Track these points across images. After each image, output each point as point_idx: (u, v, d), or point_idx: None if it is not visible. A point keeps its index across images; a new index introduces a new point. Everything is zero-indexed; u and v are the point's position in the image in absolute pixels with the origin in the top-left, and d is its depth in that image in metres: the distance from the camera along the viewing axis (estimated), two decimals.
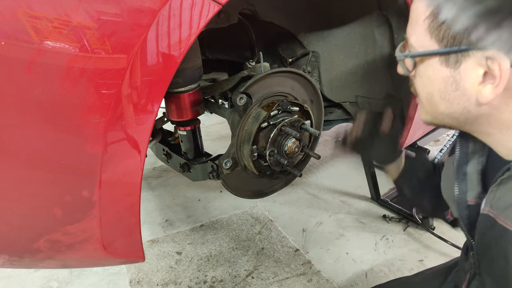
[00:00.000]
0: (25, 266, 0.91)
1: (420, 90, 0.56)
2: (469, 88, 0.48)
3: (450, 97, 0.51)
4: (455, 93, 0.50)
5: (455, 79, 0.49)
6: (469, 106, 0.50)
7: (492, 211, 0.53)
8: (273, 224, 1.74)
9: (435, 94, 0.53)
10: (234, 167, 1.07)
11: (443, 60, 0.49)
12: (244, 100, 0.99)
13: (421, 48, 0.51)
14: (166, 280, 1.41)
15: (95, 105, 0.62)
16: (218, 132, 2.79)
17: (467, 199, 0.62)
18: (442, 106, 0.53)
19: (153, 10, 0.62)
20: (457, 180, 0.64)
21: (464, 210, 0.63)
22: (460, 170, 0.63)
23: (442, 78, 0.50)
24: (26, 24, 0.54)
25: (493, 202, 0.53)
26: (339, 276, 1.42)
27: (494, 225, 0.52)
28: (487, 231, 0.55)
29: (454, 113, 0.52)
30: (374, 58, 1.26)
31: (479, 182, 0.61)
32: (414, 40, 0.52)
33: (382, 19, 1.18)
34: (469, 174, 0.62)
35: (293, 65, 1.42)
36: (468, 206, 0.63)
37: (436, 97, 0.53)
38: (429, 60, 0.51)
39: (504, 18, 0.41)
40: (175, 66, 0.68)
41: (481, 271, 0.62)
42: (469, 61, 0.46)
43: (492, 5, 0.41)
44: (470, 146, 0.64)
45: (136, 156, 0.70)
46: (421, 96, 0.56)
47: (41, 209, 0.71)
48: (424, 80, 0.54)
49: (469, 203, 0.62)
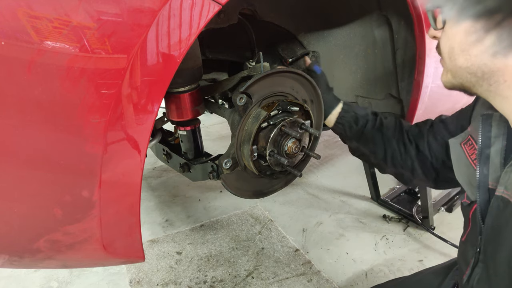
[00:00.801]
0: (25, 266, 0.91)
1: (443, 47, 0.60)
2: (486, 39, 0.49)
3: (470, 51, 0.53)
4: (475, 46, 0.52)
5: (476, 28, 0.50)
6: (485, 59, 0.52)
7: (507, 192, 0.53)
8: (273, 224, 1.74)
9: (456, 47, 0.56)
10: (234, 167, 1.07)
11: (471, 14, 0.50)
12: (244, 100, 0.99)
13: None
14: (166, 280, 1.41)
15: (95, 105, 0.62)
16: (218, 132, 2.79)
17: (489, 182, 0.62)
18: (462, 59, 0.55)
19: (153, 10, 0.62)
20: (479, 163, 0.63)
21: (485, 193, 0.63)
22: (483, 153, 0.63)
23: (464, 29, 0.53)
24: (26, 24, 0.54)
25: (508, 184, 0.53)
26: (339, 276, 1.42)
27: (506, 207, 0.52)
28: (499, 213, 0.55)
29: (472, 66, 0.54)
30: (374, 58, 1.26)
31: (502, 166, 0.61)
32: None
33: (382, 19, 1.18)
34: (492, 157, 0.62)
35: (293, 65, 1.42)
36: (488, 190, 0.62)
37: (457, 50, 0.56)
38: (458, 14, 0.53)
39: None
40: (175, 66, 0.68)
41: (486, 257, 0.62)
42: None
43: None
44: (493, 130, 0.64)
45: (136, 156, 0.70)
46: (444, 52, 0.60)
47: (41, 209, 0.71)
48: (448, 34, 0.58)
49: (490, 186, 0.62)
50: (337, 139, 2.70)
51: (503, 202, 0.53)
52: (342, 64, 1.35)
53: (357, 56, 1.30)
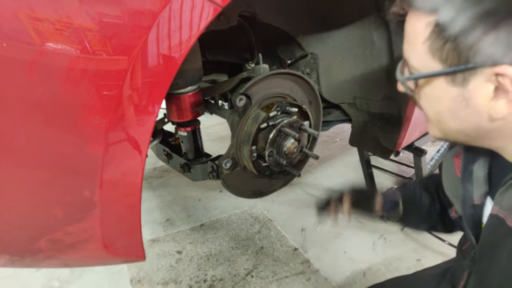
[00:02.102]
0: (27, 265, 0.91)
1: (428, 109, 0.54)
2: (481, 105, 0.46)
3: (460, 115, 0.49)
4: (465, 110, 0.48)
5: (464, 97, 0.46)
6: (482, 122, 0.48)
7: (502, 212, 0.53)
8: (272, 223, 1.74)
9: (444, 112, 0.51)
10: (234, 168, 1.08)
11: (449, 80, 0.47)
12: (243, 101, 0.99)
13: (424, 69, 0.49)
14: (167, 279, 1.42)
15: (96, 106, 0.63)
16: (218, 133, 2.79)
17: (474, 198, 0.62)
18: (453, 124, 0.51)
19: (154, 12, 0.63)
20: (463, 179, 0.63)
21: (469, 209, 0.62)
22: (467, 169, 0.62)
23: (451, 97, 0.48)
24: (28, 25, 0.55)
25: (503, 203, 0.53)
26: (337, 275, 1.43)
27: (502, 225, 0.52)
28: (494, 231, 0.55)
29: (465, 129, 0.50)
30: (372, 60, 1.27)
31: (486, 182, 0.60)
32: (415, 61, 0.50)
33: (380, 21, 1.18)
34: (475, 173, 0.61)
35: (292, 67, 1.43)
36: (473, 206, 0.62)
37: (446, 116, 0.51)
38: (434, 80, 0.49)
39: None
40: (175, 68, 0.69)
41: (480, 270, 0.62)
42: (477, 78, 0.44)
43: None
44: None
45: (137, 156, 0.71)
46: (429, 114, 0.54)
47: (42, 209, 0.71)
48: (431, 99, 0.51)
49: (475, 202, 0.62)
50: (336, 140, 2.71)
51: (498, 221, 0.53)
52: (340, 66, 1.36)
53: (355, 58, 1.31)
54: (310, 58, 1.37)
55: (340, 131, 2.75)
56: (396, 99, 1.27)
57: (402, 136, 1.27)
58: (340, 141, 2.68)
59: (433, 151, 2.04)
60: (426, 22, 0.46)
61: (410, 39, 0.50)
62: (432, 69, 0.48)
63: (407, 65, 0.52)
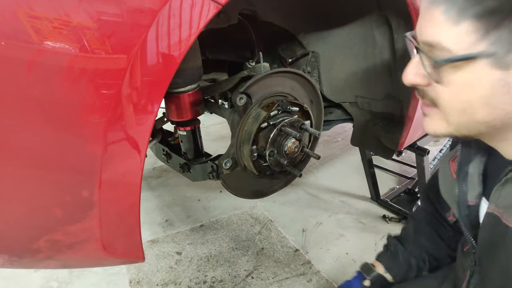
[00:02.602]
0: (25, 266, 0.91)
1: (451, 99, 0.49)
2: None
3: (496, 102, 0.46)
4: (504, 97, 0.45)
5: (506, 81, 0.43)
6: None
7: (497, 210, 0.53)
8: (273, 224, 1.74)
9: (476, 100, 0.47)
10: (234, 167, 1.08)
11: (493, 62, 0.43)
12: (244, 100, 0.99)
13: (463, 51, 0.44)
14: (166, 280, 1.41)
15: (95, 105, 0.62)
16: (218, 132, 2.79)
17: (468, 199, 0.62)
18: (483, 113, 0.47)
19: (153, 10, 0.62)
20: (458, 180, 0.63)
21: (464, 210, 0.63)
22: (462, 170, 0.63)
23: (491, 82, 0.44)
24: (26, 24, 0.54)
25: (498, 201, 0.53)
26: (339, 276, 1.42)
27: (498, 224, 0.52)
28: (491, 230, 0.55)
29: (494, 119, 0.48)
30: (373, 59, 1.26)
31: (480, 183, 0.61)
32: (451, 42, 0.45)
33: (381, 19, 1.18)
34: (470, 174, 0.61)
35: (293, 65, 1.42)
36: (468, 206, 0.62)
37: (477, 104, 0.47)
38: (471, 64, 0.45)
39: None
40: (175, 66, 0.68)
41: (482, 269, 0.62)
42: None
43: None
44: (473, 146, 0.63)
45: (136, 156, 0.70)
46: (450, 105, 0.50)
47: (41, 209, 0.71)
48: (462, 87, 0.47)
49: (469, 203, 0.62)
50: (337, 139, 2.71)
51: (494, 220, 0.53)
52: (341, 64, 1.35)
53: (356, 56, 1.30)
54: (311, 56, 1.37)
55: (341, 131, 2.75)
56: (398, 98, 1.27)
57: (404, 135, 1.26)
58: (342, 140, 2.68)
59: (435, 151, 2.03)
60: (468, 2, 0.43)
61: (436, 18, 0.46)
62: (476, 50, 0.43)
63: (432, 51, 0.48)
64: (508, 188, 0.52)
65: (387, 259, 0.89)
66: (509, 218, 0.50)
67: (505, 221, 0.51)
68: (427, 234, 0.87)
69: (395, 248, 0.88)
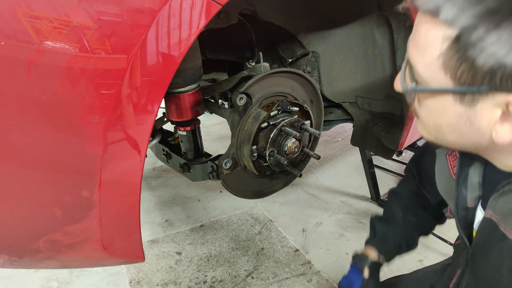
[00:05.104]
0: (25, 266, 0.91)
1: (426, 118, 0.52)
2: (484, 127, 0.45)
3: (461, 131, 0.48)
4: (467, 129, 0.47)
5: (469, 117, 0.46)
6: (482, 141, 0.47)
7: (495, 216, 0.54)
8: (273, 224, 1.74)
9: (444, 125, 0.49)
10: (234, 167, 1.07)
11: (457, 98, 0.45)
12: (244, 100, 0.99)
13: (433, 81, 0.46)
14: (166, 280, 1.41)
15: (95, 105, 0.62)
16: (218, 132, 2.79)
17: (467, 202, 0.63)
18: (451, 137, 0.50)
19: (153, 10, 0.62)
20: (458, 181, 0.63)
21: (462, 211, 0.64)
22: (462, 171, 0.63)
23: (455, 114, 0.47)
24: (26, 24, 0.54)
25: (496, 208, 0.54)
26: (339, 276, 1.41)
27: (496, 230, 0.53)
28: (488, 234, 0.56)
29: (464, 144, 0.50)
30: (374, 59, 1.26)
31: (480, 187, 0.61)
32: (423, 70, 0.47)
33: (382, 19, 1.18)
34: (470, 177, 0.62)
35: (293, 65, 1.42)
36: (467, 208, 0.63)
37: (445, 129, 0.50)
38: (441, 95, 0.47)
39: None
40: (175, 66, 0.68)
41: (473, 269, 0.63)
42: (487, 101, 0.43)
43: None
44: None
45: (136, 156, 0.70)
46: (426, 122, 0.53)
47: (41, 209, 0.71)
48: (432, 111, 0.50)
49: (468, 205, 0.63)
50: (337, 139, 2.70)
51: (492, 225, 0.54)
52: (342, 64, 1.35)
53: (357, 56, 1.30)
54: (311, 56, 1.37)
55: (341, 131, 2.75)
56: (398, 98, 1.27)
57: (404, 135, 1.26)
58: (342, 140, 2.68)
59: None
60: (444, 35, 0.43)
61: (421, 46, 0.47)
62: (442, 83, 0.45)
63: (412, 69, 0.50)
64: (504, 198, 0.53)
65: (377, 243, 0.89)
66: (508, 228, 0.51)
67: (503, 229, 0.52)
68: (414, 212, 0.88)
69: (384, 233, 0.88)
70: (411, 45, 0.49)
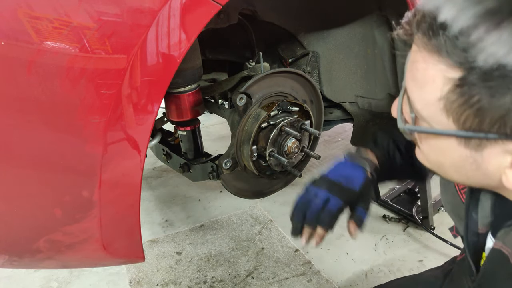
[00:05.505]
0: (25, 266, 0.91)
1: (427, 153, 0.48)
2: (493, 171, 0.42)
3: (467, 173, 0.44)
4: (474, 172, 0.43)
5: (475, 160, 0.42)
6: (490, 182, 0.44)
7: (506, 248, 0.51)
8: (273, 224, 1.74)
9: (448, 165, 0.45)
10: (234, 167, 1.08)
11: (462, 142, 0.41)
12: (244, 100, 0.99)
13: (433, 122, 0.42)
14: (166, 280, 1.41)
15: (95, 105, 0.62)
16: (218, 132, 2.79)
17: (479, 227, 0.59)
18: (455, 176, 0.47)
19: (153, 10, 0.62)
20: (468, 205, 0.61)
21: (473, 236, 0.60)
22: (473, 195, 0.59)
23: (460, 156, 0.42)
24: (27, 24, 0.54)
25: (506, 240, 0.51)
26: (339, 276, 1.42)
27: (507, 264, 0.50)
28: (497, 267, 0.53)
29: (470, 183, 0.47)
30: (374, 59, 1.26)
31: (492, 213, 0.58)
32: (422, 109, 0.42)
33: (382, 19, 1.18)
34: (482, 201, 0.58)
35: (293, 65, 1.42)
36: (477, 234, 0.60)
37: (448, 168, 0.46)
38: (443, 136, 0.43)
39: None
40: (175, 66, 0.68)
41: None
42: (496, 147, 0.39)
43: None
44: None
45: (136, 156, 0.70)
46: (427, 156, 0.48)
47: (41, 209, 0.71)
48: (434, 149, 0.46)
49: (479, 231, 0.59)
50: (337, 139, 2.70)
51: (503, 258, 0.50)
52: (342, 64, 1.35)
53: (357, 56, 1.30)
54: (311, 56, 1.37)
55: (341, 131, 2.75)
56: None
57: None
58: (342, 140, 2.67)
59: None
60: (445, 76, 0.38)
61: (419, 81, 0.42)
62: (444, 126, 0.41)
63: (410, 105, 0.44)
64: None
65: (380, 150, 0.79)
66: None
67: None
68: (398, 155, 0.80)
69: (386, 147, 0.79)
70: (408, 76, 0.44)
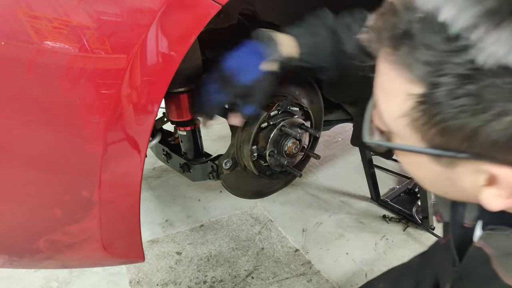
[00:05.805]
0: (25, 266, 0.91)
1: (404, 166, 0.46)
2: (469, 188, 0.39)
3: (444, 189, 0.43)
4: (449, 188, 0.42)
5: (449, 177, 0.40)
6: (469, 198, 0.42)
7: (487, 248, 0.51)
8: (273, 224, 1.74)
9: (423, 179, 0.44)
10: (234, 167, 1.08)
11: (433, 158, 0.39)
12: None
13: (404, 139, 0.39)
14: (166, 280, 1.41)
15: (94, 105, 0.62)
16: (218, 132, 2.79)
17: (465, 221, 0.61)
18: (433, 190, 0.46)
19: (153, 10, 0.62)
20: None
21: (459, 229, 0.62)
22: None
23: (433, 172, 0.40)
24: (26, 24, 0.54)
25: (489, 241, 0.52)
26: (339, 276, 1.42)
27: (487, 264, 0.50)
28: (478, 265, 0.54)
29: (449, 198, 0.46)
30: None
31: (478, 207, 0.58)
32: (390, 123, 0.39)
33: None
34: None
35: None
36: (463, 227, 0.61)
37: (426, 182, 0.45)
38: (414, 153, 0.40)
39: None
40: (175, 66, 0.68)
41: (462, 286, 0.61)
42: (468, 166, 0.37)
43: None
44: None
45: (136, 156, 0.70)
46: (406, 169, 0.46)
47: (40, 209, 0.71)
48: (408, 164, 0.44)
49: (465, 225, 0.61)
50: (337, 139, 2.70)
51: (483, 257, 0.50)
52: None
53: None
54: None
55: (341, 131, 2.75)
56: None
57: None
58: (342, 140, 2.67)
59: None
60: (406, 91, 0.35)
61: (385, 92, 0.39)
62: (413, 142, 0.38)
63: (379, 117, 0.41)
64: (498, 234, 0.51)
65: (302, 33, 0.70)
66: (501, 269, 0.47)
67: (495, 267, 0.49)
68: None
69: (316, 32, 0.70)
70: (377, 85, 0.40)
